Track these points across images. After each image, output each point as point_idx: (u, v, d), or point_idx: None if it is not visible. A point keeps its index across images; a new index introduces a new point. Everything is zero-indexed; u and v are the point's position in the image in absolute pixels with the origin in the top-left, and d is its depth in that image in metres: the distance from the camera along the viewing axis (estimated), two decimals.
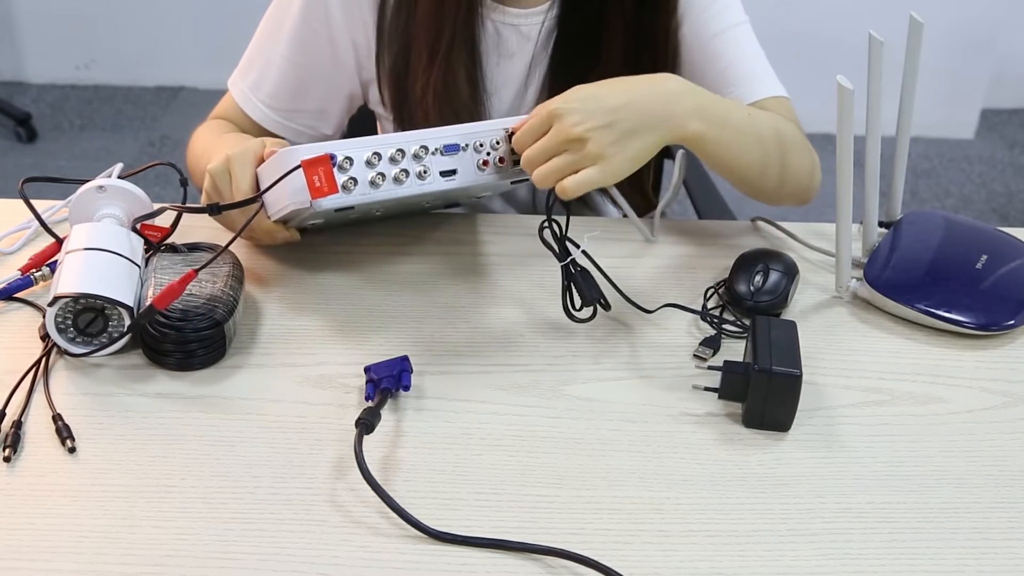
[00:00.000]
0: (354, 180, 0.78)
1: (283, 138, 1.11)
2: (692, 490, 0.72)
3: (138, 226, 0.91)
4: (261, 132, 1.09)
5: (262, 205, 0.84)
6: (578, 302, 0.85)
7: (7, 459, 0.72)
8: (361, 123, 1.29)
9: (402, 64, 1.05)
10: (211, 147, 0.97)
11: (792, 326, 0.80)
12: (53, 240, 0.94)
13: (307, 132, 1.11)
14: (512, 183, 0.87)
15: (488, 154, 0.83)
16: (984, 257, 0.95)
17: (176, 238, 0.92)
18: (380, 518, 0.68)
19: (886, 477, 0.74)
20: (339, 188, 0.77)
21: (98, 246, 0.84)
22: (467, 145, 0.82)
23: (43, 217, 0.94)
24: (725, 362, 0.78)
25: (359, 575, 0.64)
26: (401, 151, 0.80)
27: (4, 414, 0.76)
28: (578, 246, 0.84)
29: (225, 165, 0.85)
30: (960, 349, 0.88)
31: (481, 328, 0.88)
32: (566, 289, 0.83)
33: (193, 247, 0.90)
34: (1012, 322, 0.89)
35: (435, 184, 0.82)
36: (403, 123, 1.09)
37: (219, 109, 1.12)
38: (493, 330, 0.88)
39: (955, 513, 0.71)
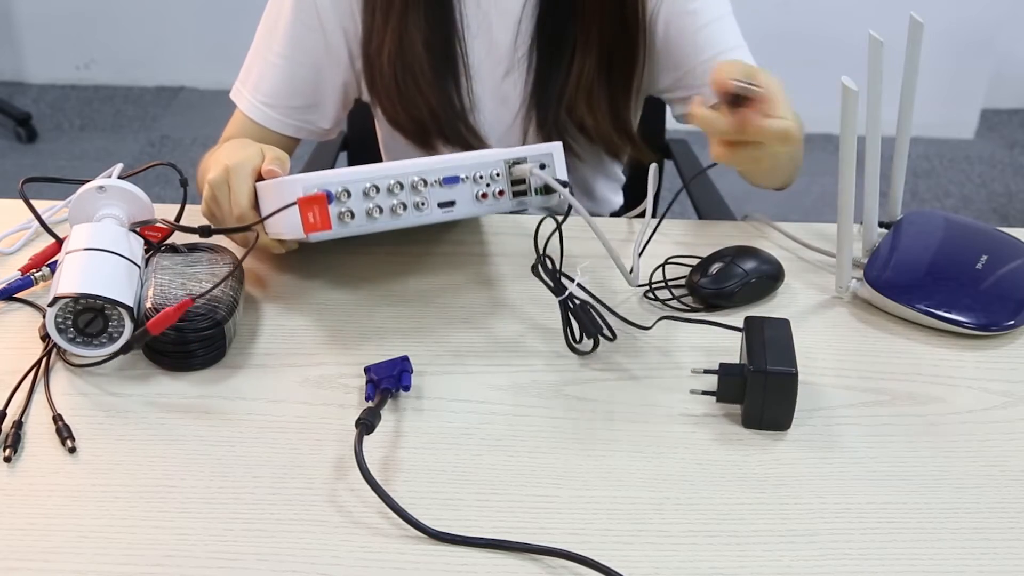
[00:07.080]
0: (351, 213, 0.79)
1: (285, 136, 1.12)
2: (692, 490, 0.71)
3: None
4: (267, 138, 1.10)
5: (260, 222, 0.84)
6: (579, 334, 0.84)
7: (7, 459, 0.72)
8: (360, 123, 1.29)
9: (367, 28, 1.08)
10: (212, 156, 0.97)
11: (786, 324, 0.80)
12: (53, 240, 0.94)
13: (307, 128, 1.13)
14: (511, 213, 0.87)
15: (487, 186, 0.83)
16: (984, 257, 0.95)
17: (176, 238, 0.92)
18: (380, 518, 0.68)
19: (886, 477, 0.73)
20: (333, 225, 0.78)
21: (98, 246, 0.84)
22: (467, 177, 0.83)
23: (43, 217, 0.94)
24: (721, 365, 0.78)
25: (359, 575, 0.64)
26: (399, 183, 0.80)
27: (4, 414, 0.76)
28: (572, 280, 0.83)
29: (224, 177, 0.86)
30: (960, 349, 0.88)
31: (481, 328, 0.88)
32: (566, 323, 0.83)
33: (193, 247, 0.90)
34: (1012, 322, 0.89)
35: (432, 215, 0.82)
36: (374, 90, 1.11)
37: (227, 131, 1.13)
38: (493, 330, 0.88)
39: (955, 513, 0.71)
